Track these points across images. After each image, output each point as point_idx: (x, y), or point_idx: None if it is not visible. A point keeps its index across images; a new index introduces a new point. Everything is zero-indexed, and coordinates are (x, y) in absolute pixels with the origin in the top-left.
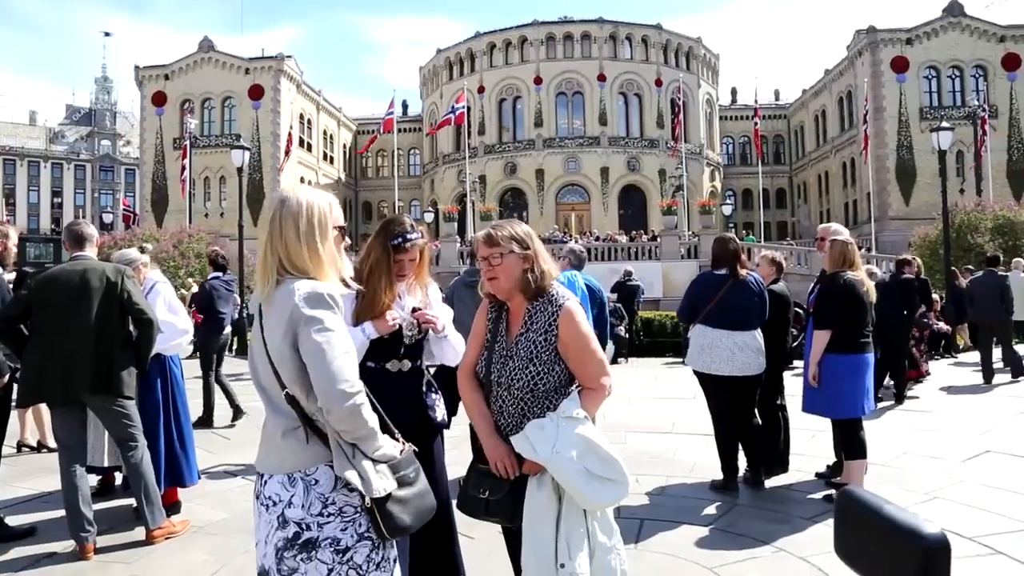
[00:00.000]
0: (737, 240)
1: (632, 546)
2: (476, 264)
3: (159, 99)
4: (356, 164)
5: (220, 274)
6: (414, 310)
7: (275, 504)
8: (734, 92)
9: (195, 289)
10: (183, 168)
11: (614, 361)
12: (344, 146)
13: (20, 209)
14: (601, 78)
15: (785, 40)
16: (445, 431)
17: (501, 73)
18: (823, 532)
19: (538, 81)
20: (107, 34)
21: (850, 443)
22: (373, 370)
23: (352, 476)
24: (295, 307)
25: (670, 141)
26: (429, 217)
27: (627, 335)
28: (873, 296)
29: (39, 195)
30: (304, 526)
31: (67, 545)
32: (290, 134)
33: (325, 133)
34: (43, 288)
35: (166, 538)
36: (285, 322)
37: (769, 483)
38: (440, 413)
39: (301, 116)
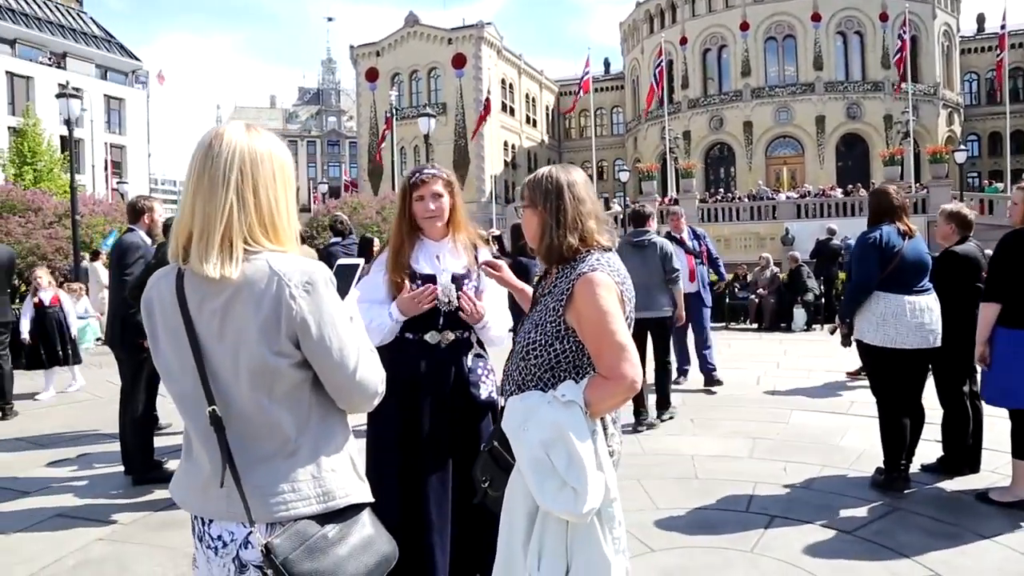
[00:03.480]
0: (895, 192)
1: (748, 548)
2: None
3: (371, 75)
4: (559, 126)
5: (340, 239)
6: (454, 278)
7: (225, 545)
8: (980, 19)
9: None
10: (382, 138)
11: (806, 329)
12: (547, 108)
13: None
14: (815, 18)
15: None
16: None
17: (704, 22)
18: (998, 557)
19: (744, 27)
20: (330, 19)
21: (1020, 440)
22: (411, 342)
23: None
24: (288, 302)
25: (896, 81)
26: (624, 176)
27: (823, 300)
28: None
29: None
30: (266, 572)
31: None
32: (487, 100)
33: (527, 96)
34: (165, 258)
35: None
36: (263, 318)
37: (952, 485)
38: (487, 390)
39: (503, 81)
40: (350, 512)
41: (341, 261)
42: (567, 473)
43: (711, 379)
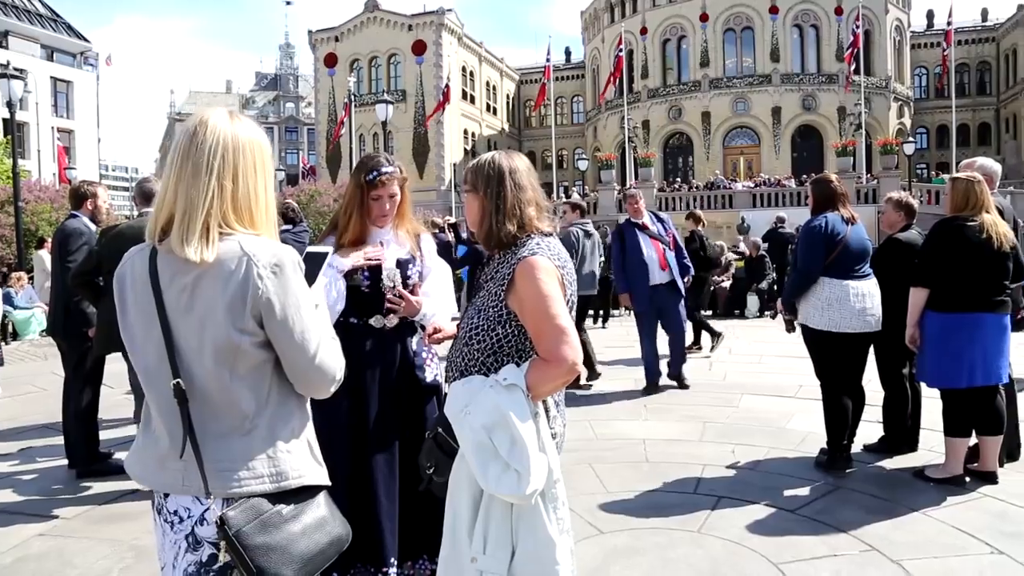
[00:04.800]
0: (836, 180)
1: (695, 529)
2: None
3: (330, 60)
4: (520, 114)
5: (290, 227)
6: (399, 263)
7: (181, 521)
8: (930, 15)
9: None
10: (340, 124)
11: (759, 315)
12: (507, 96)
13: None
14: (773, 10)
15: None
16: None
17: (664, 12)
18: (931, 530)
19: (704, 18)
20: (288, 2)
21: (949, 418)
22: (355, 327)
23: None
24: (255, 281)
25: (850, 75)
26: (583, 165)
27: (775, 288)
28: (1007, 244)
29: None
30: (220, 547)
31: None
32: (447, 87)
33: (488, 84)
34: (111, 243)
35: None
36: (230, 296)
37: (891, 464)
38: (432, 373)
39: (463, 69)
40: (305, 493)
41: (310, 249)
42: (510, 456)
43: (681, 381)
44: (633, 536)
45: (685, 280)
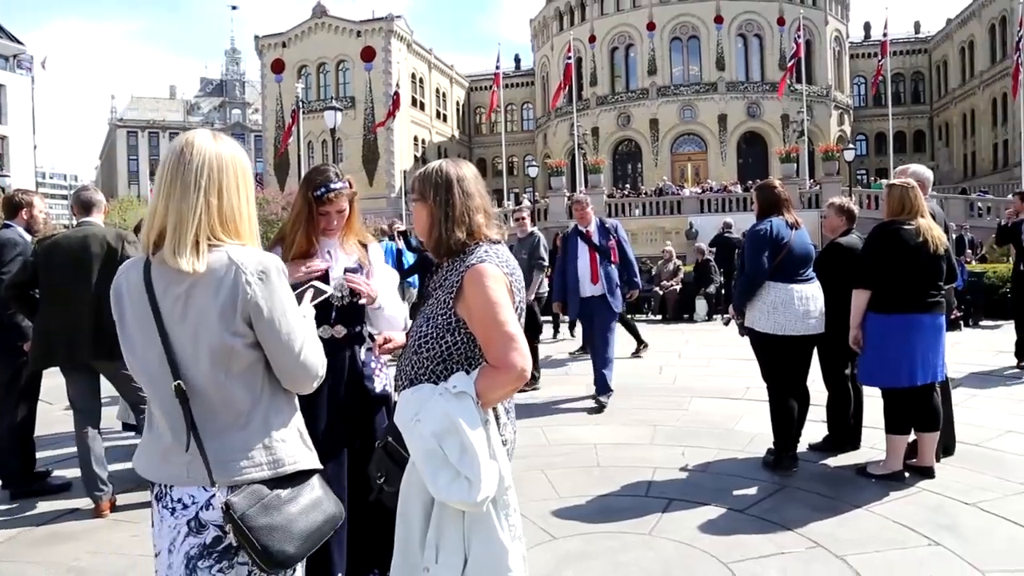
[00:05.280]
0: (780, 186)
1: (647, 531)
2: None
3: (278, 66)
4: (470, 121)
5: None
6: (346, 271)
7: (185, 508)
8: (867, 27)
9: None
10: (288, 131)
11: (708, 319)
12: (457, 103)
13: None
14: (718, 20)
15: None
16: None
17: (612, 21)
18: (873, 525)
19: (651, 27)
20: (234, 7)
21: (890, 416)
22: None
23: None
24: (247, 291)
25: (793, 84)
26: (534, 172)
27: (723, 292)
28: (941, 246)
29: None
30: (225, 530)
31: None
32: (396, 94)
33: (438, 91)
34: (46, 255)
35: None
36: (221, 302)
37: (835, 462)
38: (381, 383)
39: (413, 75)
40: (300, 477)
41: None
42: (460, 463)
43: (598, 401)
44: (585, 540)
45: (628, 295)
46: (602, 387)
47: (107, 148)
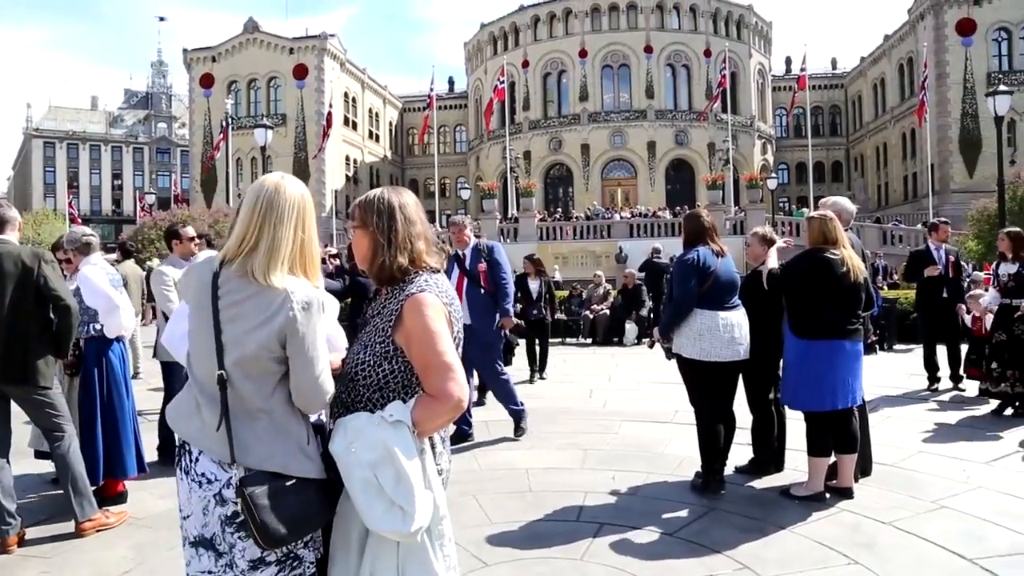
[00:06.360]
0: (706, 215)
1: (578, 556)
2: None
3: (207, 81)
4: (402, 142)
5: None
6: None
7: (210, 483)
8: (788, 61)
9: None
10: (216, 148)
11: (637, 343)
12: (390, 123)
13: (83, 192)
14: (648, 49)
15: (843, 4)
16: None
17: (545, 47)
18: (798, 546)
19: (583, 54)
20: (161, 19)
21: (812, 439)
22: None
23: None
24: (290, 315)
25: (719, 113)
26: (466, 194)
27: (652, 316)
28: (861, 275)
29: (100, 178)
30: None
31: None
32: (330, 113)
33: (371, 111)
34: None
35: (97, 531)
36: (269, 322)
37: (761, 484)
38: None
39: (346, 95)
40: (303, 481)
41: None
42: (395, 493)
43: (519, 429)
44: (518, 567)
45: (498, 324)
46: (516, 416)
47: (21, 158)
